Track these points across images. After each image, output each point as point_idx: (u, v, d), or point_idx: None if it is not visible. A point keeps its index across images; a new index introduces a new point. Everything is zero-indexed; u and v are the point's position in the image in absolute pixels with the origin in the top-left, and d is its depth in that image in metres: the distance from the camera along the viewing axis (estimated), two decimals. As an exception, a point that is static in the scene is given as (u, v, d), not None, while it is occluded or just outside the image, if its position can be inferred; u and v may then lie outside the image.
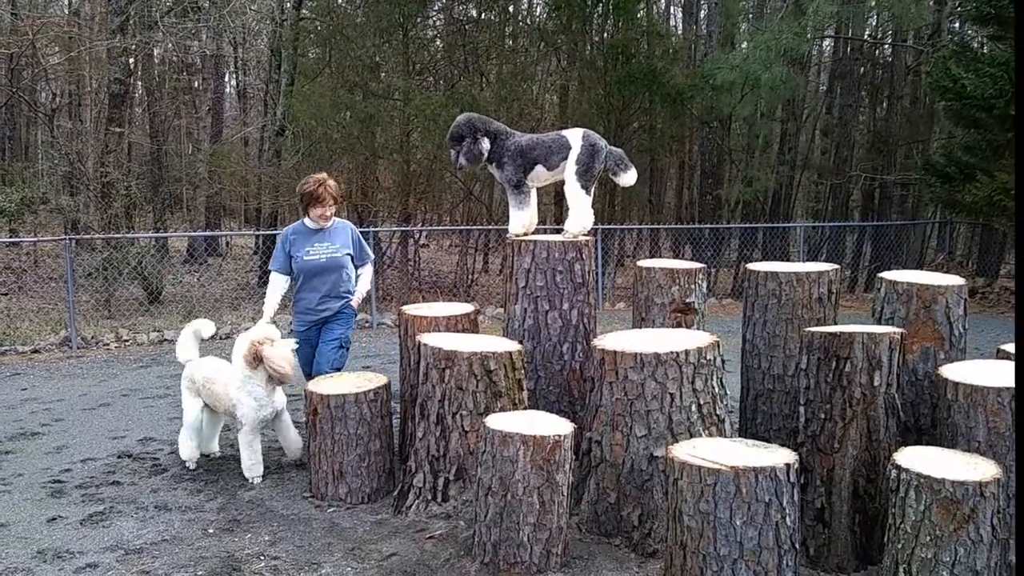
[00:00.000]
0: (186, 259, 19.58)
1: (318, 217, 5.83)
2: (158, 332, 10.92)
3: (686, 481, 3.69)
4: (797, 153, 19.59)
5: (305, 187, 5.79)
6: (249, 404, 5.34)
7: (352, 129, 14.94)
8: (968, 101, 13.54)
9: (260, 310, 6.39)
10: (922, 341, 4.72)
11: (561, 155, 5.29)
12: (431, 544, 4.46)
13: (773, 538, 3.63)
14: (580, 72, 16.44)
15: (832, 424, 4.24)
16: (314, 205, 5.78)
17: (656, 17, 21.22)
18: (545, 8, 18.02)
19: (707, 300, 5.91)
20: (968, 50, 15.12)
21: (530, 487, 4.04)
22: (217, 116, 23.33)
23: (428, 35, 17.81)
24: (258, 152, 19.01)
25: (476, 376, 4.84)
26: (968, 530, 3.57)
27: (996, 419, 3.99)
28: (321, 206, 5.78)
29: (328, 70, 16.42)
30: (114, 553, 4.46)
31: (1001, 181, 12.83)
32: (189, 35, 17.46)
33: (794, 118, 19.67)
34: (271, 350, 5.28)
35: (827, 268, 5.07)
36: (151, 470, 5.81)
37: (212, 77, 23.34)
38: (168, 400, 7.78)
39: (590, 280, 5.40)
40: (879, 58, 21.02)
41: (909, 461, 3.77)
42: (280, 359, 5.26)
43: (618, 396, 4.40)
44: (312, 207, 5.80)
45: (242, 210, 23.81)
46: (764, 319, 5.00)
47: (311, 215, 5.85)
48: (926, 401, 4.72)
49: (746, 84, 14.54)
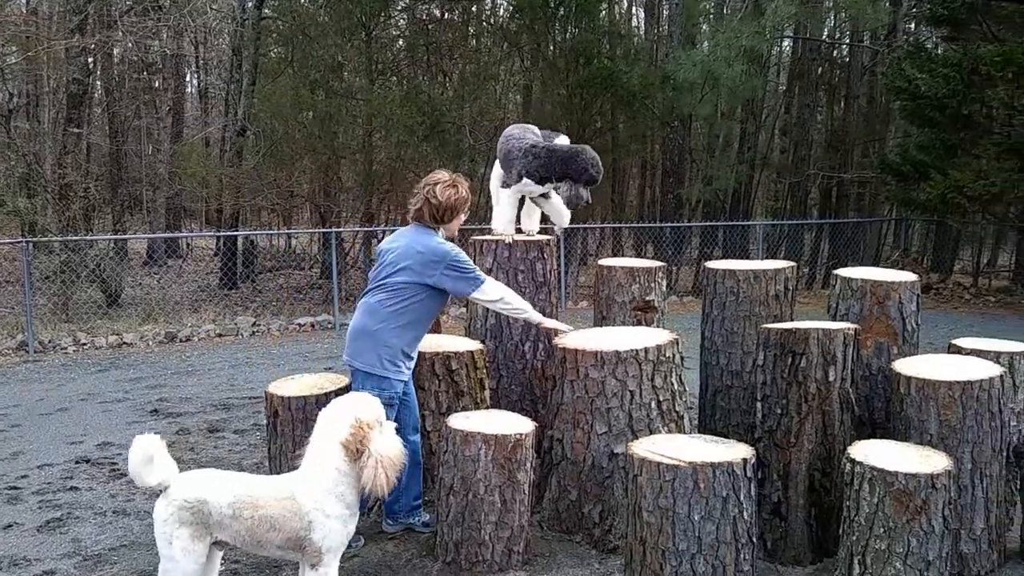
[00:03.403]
0: (146, 261, 19.35)
1: (456, 229, 4.56)
2: (117, 335, 10.79)
3: (645, 477, 3.73)
4: (756, 152, 19.80)
5: (453, 193, 4.37)
6: (336, 521, 3.46)
7: (314, 129, 14.86)
8: (922, 101, 13.80)
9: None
10: (876, 336, 4.81)
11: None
12: (393, 545, 4.46)
13: (731, 532, 3.69)
14: (542, 73, 16.49)
15: (788, 419, 4.31)
16: (462, 212, 4.48)
17: (618, 17, 21.32)
18: (508, 8, 18.07)
19: (668, 298, 5.97)
20: (922, 50, 15.39)
21: (492, 486, 4.06)
22: (178, 116, 23.07)
23: (391, 35, 17.76)
24: (219, 152, 18.82)
25: (438, 376, 4.86)
26: (920, 521, 3.65)
27: (947, 412, 4.08)
28: (464, 213, 4.53)
29: (290, 70, 16.30)
30: (72, 560, 4.41)
31: (954, 179, 13.08)
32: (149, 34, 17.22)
33: (753, 117, 19.88)
34: (385, 442, 3.52)
35: (784, 265, 5.14)
36: (109, 475, 5.74)
37: (173, 77, 23.04)
38: (127, 404, 7.70)
39: (552, 279, 5.43)
40: (836, 58, 21.31)
41: (863, 454, 3.85)
42: (395, 460, 3.50)
43: (579, 394, 4.44)
44: (459, 215, 4.46)
45: (203, 211, 23.54)
46: (722, 316, 5.06)
47: (453, 226, 4.49)
48: (880, 395, 4.81)
49: (706, 83, 14.68)
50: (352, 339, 4.30)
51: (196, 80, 27.73)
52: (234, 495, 3.37)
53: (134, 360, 9.77)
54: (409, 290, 4.20)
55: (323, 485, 3.41)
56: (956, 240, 19.44)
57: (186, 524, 3.33)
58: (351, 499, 3.48)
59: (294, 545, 3.43)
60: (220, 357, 9.86)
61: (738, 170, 17.50)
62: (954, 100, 13.29)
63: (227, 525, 3.37)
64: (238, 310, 13.17)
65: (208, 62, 24.37)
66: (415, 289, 4.20)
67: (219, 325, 11.55)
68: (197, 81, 27.65)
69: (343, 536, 3.49)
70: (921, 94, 13.62)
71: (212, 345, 10.68)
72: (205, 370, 9.15)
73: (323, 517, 3.39)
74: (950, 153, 14.06)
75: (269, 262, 19.58)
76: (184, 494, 3.35)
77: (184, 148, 19.27)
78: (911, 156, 14.74)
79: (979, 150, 13.39)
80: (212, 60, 23.69)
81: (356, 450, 3.40)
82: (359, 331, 4.26)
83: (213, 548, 3.50)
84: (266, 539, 3.40)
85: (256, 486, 3.46)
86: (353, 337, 4.30)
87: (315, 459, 3.46)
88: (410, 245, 4.26)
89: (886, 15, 17.68)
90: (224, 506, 3.35)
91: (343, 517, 3.45)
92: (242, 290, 15.64)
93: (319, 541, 3.40)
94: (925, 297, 14.34)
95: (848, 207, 19.30)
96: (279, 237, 21.87)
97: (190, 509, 3.33)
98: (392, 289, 4.22)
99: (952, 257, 19.57)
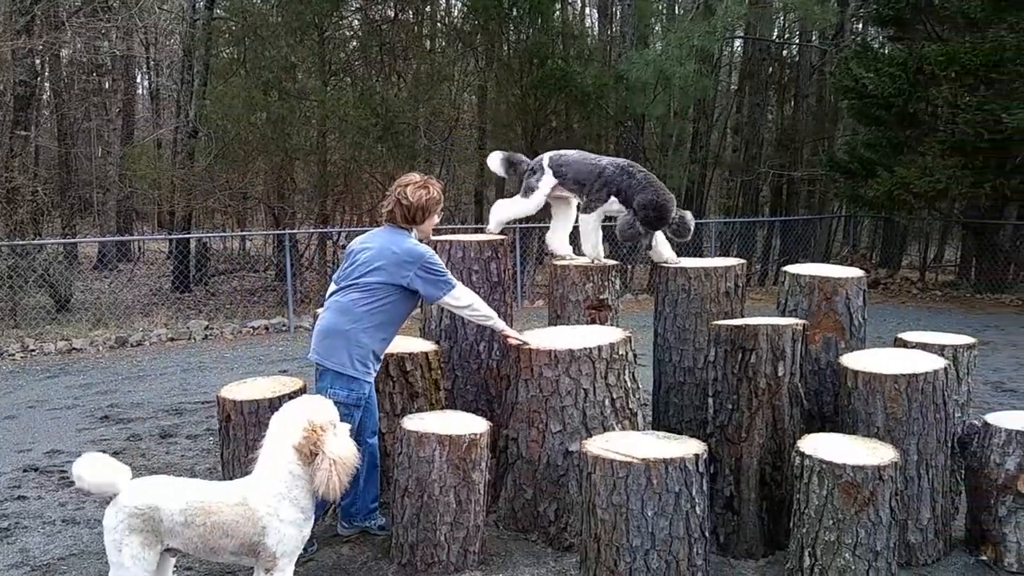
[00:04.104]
0: (96, 265, 19.00)
1: (431, 229, 4.53)
2: (66, 341, 10.59)
3: (599, 474, 3.76)
4: (709, 151, 20.04)
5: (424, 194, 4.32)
6: (291, 525, 3.41)
7: (267, 130, 14.72)
8: (869, 100, 14.07)
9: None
10: (824, 331, 4.90)
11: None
12: (348, 548, 4.45)
13: (684, 527, 3.73)
14: (497, 73, 16.52)
15: (739, 414, 4.37)
16: (437, 210, 4.46)
17: (572, 18, 21.42)
18: (462, 9, 18.06)
19: (623, 296, 6.01)
20: (869, 50, 15.68)
21: (446, 487, 4.06)
22: (128, 118, 22.68)
23: (344, 35, 17.66)
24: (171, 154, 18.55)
25: (392, 377, 4.85)
26: (868, 512, 3.73)
27: (894, 405, 4.17)
28: (437, 215, 4.49)
29: (242, 70, 16.13)
30: (20, 570, 4.32)
31: (900, 176, 13.35)
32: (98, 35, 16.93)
33: (705, 117, 20.11)
34: (338, 444, 3.46)
35: (734, 263, 5.21)
36: (58, 483, 5.64)
37: (123, 78, 22.66)
38: (77, 411, 7.56)
39: (507, 279, 5.45)
40: (786, 58, 21.67)
41: (812, 448, 3.92)
42: (348, 462, 3.44)
43: (533, 393, 4.46)
44: (430, 216, 4.41)
45: (155, 214, 23.20)
46: (674, 313, 5.12)
47: (426, 227, 4.43)
48: (828, 389, 4.90)
49: (659, 83, 14.81)
50: (322, 337, 4.23)
51: (147, 81, 27.35)
52: (186, 502, 3.31)
53: (84, 366, 9.60)
54: (382, 290, 4.16)
55: (277, 489, 3.36)
56: (904, 236, 19.86)
57: (136, 531, 3.27)
58: (305, 503, 3.43)
59: (248, 551, 3.37)
60: (172, 361, 9.73)
61: (691, 169, 17.70)
62: (900, 99, 13.57)
63: (179, 532, 3.31)
64: (191, 314, 13.00)
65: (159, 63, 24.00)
66: (388, 290, 4.17)
67: (171, 329, 11.39)
68: (148, 82, 27.27)
69: (298, 540, 3.44)
70: (868, 93, 13.88)
71: (164, 349, 10.53)
72: (157, 375, 9.02)
73: (277, 522, 3.34)
74: (896, 151, 14.35)
75: (223, 265, 19.34)
76: (134, 501, 3.28)
77: (135, 150, 18.98)
78: (859, 154, 15.01)
79: (924, 148, 13.68)
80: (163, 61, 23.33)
81: (309, 453, 3.36)
82: (330, 329, 4.20)
83: (165, 555, 3.45)
84: (219, 545, 3.34)
85: (208, 492, 3.39)
86: (323, 335, 4.22)
87: (268, 463, 3.42)
88: (385, 245, 4.23)
89: (833, 15, 18.01)
90: (176, 513, 3.28)
91: (297, 521, 3.41)
92: (195, 293, 15.43)
93: (273, 546, 3.35)
94: (874, 292, 14.64)
95: (799, 204, 19.63)
96: (233, 239, 21.63)
97: (140, 516, 3.26)
98: (365, 289, 4.17)
99: (900, 253, 19.97)
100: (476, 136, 18.54)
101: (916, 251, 20.85)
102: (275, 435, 3.46)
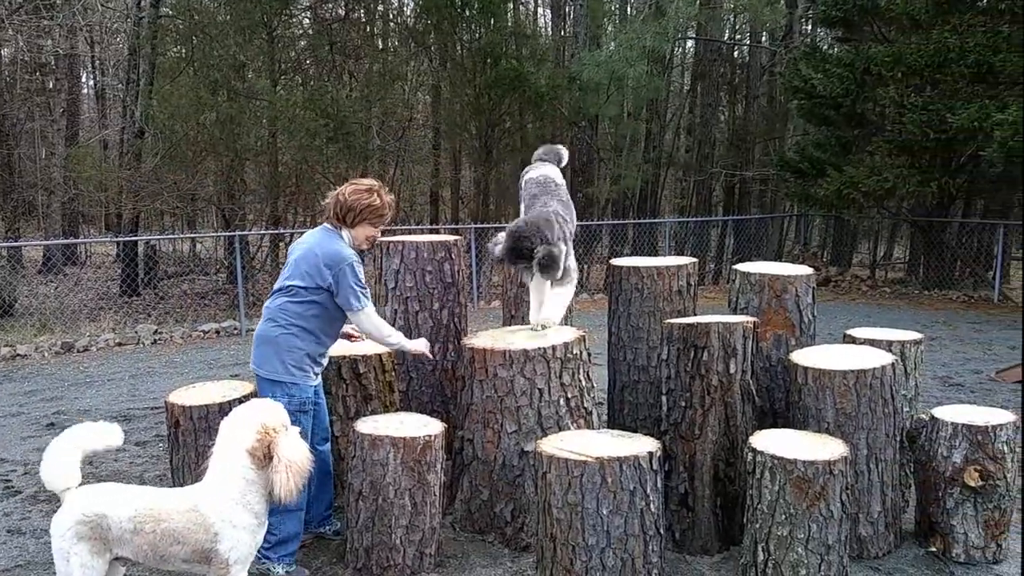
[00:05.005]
0: (41, 269, 18.57)
1: (367, 239, 4.33)
2: (10, 347, 10.32)
3: (554, 474, 3.76)
4: (662, 151, 20.19)
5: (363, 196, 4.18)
6: (244, 531, 3.33)
7: (215, 130, 14.51)
8: (818, 100, 14.27)
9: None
10: (774, 329, 4.95)
11: None
12: (302, 554, 4.38)
13: (639, 525, 3.74)
14: (450, 73, 16.47)
15: (692, 411, 4.39)
16: (375, 221, 4.28)
17: (524, 18, 21.44)
18: (415, 9, 17.97)
19: (578, 295, 6.01)
20: (817, 51, 15.91)
21: (401, 489, 4.03)
22: (73, 118, 22.18)
23: (294, 34, 17.47)
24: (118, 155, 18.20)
25: (346, 380, 4.80)
26: (820, 507, 3.77)
27: (843, 400, 4.23)
28: (382, 223, 4.35)
29: (190, 70, 15.89)
30: (-39, 583, 4.21)
31: (849, 175, 13.57)
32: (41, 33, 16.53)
33: (658, 117, 20.27)
34: (291, 447, 3.36)
35: (686, 261, 5.24)
36: (3, 493, 5.49)
37: (67, 77, 22.12)
38: (21, 418, 7.37)
39: (460, 280, 5.42)
40: (737, 59, 21.91)
41: (764, 444, 3.96)
42: (302, 465, 3.35)
43: (488, 393, 4.44)
44: (363, 222, 4.24)
45: (102, 216, 22.74)
46: (628, 312, 5.13)
47: (358, 234, 4.25)
48: (780, 386, 4.95)
49: (612, 83, 14.89)
50: (256, 345, 4.17)
51: (92, 81, 26.79)
52: (135, 509, 3.22)
53: (29, 372, 9.37)
54: (308, 293, 4.07)
55: (229, 495, 3.28)
56: (854, 234, 20.20)
57: (84, 539, 3.18)
58: (259, 508, 3.35)
59: (200, 558, 3.28)
60: (120, 367, 9.54)
61: (644, 169, 17.82)
62: (848, 99, 13.78)
63: (128, 540, 3.22)
64: (139, 318, 12.75)
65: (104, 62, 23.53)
66: (315, 292, 4.07)
67: (119, 334, 11.16)
68: (93, 82, 26.72)
69: (251, 546, 3.36)
70: (817, 93, 14.08)
71: (112, 355, 10.31)
72: (104, 381, 8.83)
73: (230, 528, 3.26)
74: (845, 150, 14.59)
75: (172, 268, 19.01)
76: (82, 508, 3.19)
77: (80, 151, 18.59)
78: (808, 154, 15.22)
79: (872, 147, 13.92)
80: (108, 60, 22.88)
81: (263, 456, 3.29)
82: (261, 337, 4.13)
83: (115, 564, 3.36)
84: (170, 553, 3.26)
85: (158, 499, 3.31)
86: (256, 343, 4.16)
87: (220, 468, 3.33)
88: (312, 247, 4.14)
89: (782, 16, 18.26)
90: (124, 520, 3.19)
91: (251, 527, 3.33)
92: (144, 297, 15.14)
93: (226, 552, 3.26)
94: (825, 290, 14.87)
95: (751, 204, 19.86)
96: (182, 241, 21.25)
97: (88, 524, 3.17)
98: (293, 292, 4.10)
99: (850, 251, 20.31)
100: (430, 136, 18.48)
101: (866, 249, 21.23)
102: (227, 439, 3.37)
